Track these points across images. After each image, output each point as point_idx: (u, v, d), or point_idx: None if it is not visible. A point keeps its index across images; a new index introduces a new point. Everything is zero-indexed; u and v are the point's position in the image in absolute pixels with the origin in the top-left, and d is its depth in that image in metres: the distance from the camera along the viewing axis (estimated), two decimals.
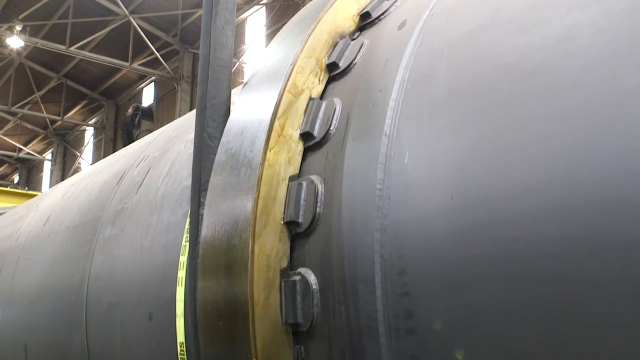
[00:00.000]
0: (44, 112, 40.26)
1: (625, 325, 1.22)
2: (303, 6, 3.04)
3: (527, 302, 1.35)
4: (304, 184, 1.89)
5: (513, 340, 1.37)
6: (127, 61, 32.76)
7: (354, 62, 2.15)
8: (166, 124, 4.73)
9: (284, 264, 1.86)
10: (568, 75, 1.45)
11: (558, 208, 1.34)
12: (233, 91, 2.52)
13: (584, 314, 1.27)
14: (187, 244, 2.34)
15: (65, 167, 45.14)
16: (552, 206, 1.35)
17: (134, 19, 30.76)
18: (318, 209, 1.85)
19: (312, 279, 1.80)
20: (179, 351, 2.36)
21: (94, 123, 43.46)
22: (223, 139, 2.23)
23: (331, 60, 2.18)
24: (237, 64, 29.03)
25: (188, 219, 2.38)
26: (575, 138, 1.36)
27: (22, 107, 38.99)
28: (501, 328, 1.39)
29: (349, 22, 2.34)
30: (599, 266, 1.25)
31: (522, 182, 1.42)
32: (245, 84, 2.46)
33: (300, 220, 1.86)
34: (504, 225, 1.42)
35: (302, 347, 1.83)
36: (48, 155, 48.54)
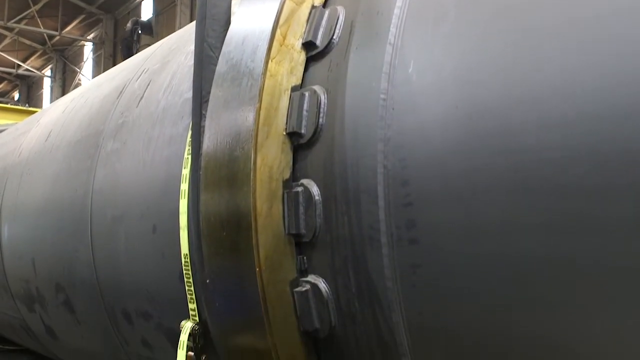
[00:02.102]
0: (42, 27, 39.51)
1: (627, 237, 1.22)
2: None
3: (530, 212, 1.35)
4: (307, 94, 1.86)
5: (514, 250, 1.38)
6: None
7: None
8: None
9: (287, 175, 1.85)
10: None
11: (565, 118, 1.32)
12: (234, 1, 2.44)
13: (587, 225, 1.26)
14: (189, 156, 2.33)
15: (65, 84, 44.69)
16: (559, 116, 1.33)
17: None
18: (321, 120, 1.82)
19: (315, 189, 1.80)
20: (183, 263, 2.40)
21: (93, 38, 42.71)
22: (224, 49, 2.18)
23: None
24: None
25: (190, 132, 2.36)
26: (584, 47, 1.32)
27: (18, 22, 38.24)
28: (503, 238, 1.40)
29: None
30: (603, 177, 1.24)
31: (529, 92, 1.39)
32: None
33: (302, 131, 1.84)
34: (510, 135, 1.40)
35: (304, 258, 1.85)
36: (47, 71, 48.00)
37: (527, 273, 1.36)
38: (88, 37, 43.09)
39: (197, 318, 2.40)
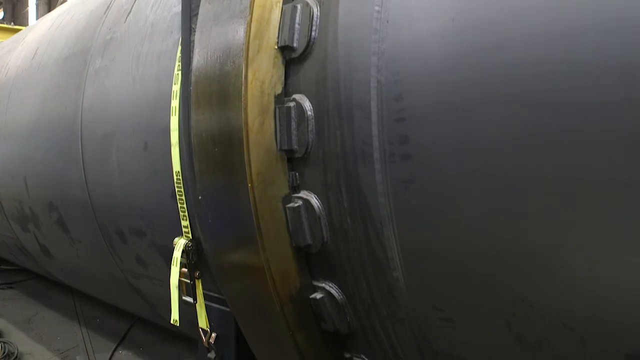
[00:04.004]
0: None
1: (622, 152, 1.21)
2: None
3: (526, 126, 1.33)
4: (299, 6, 1.81)
5: (509, 165, 1.37)
6: None
7: None
8: None
9: (279, 90, 1.82)
10: None
11: (563, 31, 1.28)
12: None
13: (582, 140, 1.25)
14: (180, 72, 2.29)
15: (51, 1, 43.52)
16: (557, 29, 1.29)
17: None
18: (313, 33, 1.78)
19: (307, 105, 1.77)
20: (175, 180, 2.39)
21: None
22: None
23: None
24: None
25: (179, 47, 2.30)
26: None
27: None
28: (497, 153, 1.39)
29: None
30: (599, 92, 1.22)
31: (527, 5, 1.35)
32: None
33: (294, 44, 1.80)
34: (507, 48, 1.36)
35: (296, 174, 1.84)
36: None
37: (521, 188, 1.35)
38: None
39: (190, 235, 2.42)
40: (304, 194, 1.83)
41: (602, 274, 1.29)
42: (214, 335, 2.42)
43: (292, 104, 1.78)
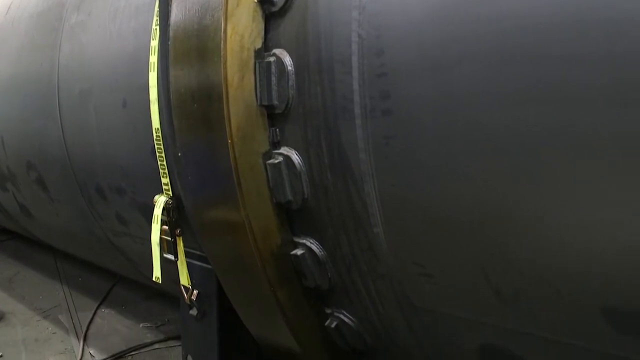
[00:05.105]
0: None
1: (604, 106, 1.20)
2: None
3: (508, 81, 1.32)
4: None
5: (491, 120, 1.36)
6: None
7: None
8: None
9: (258, 44, 1.79)
10: None
11: None
12: None
13: (565, 94, 1.25)
14: (158, 27, 2.24)
15: None
16: None
17: None
18: None
19: (287, 60, 1.74)
20: (155, 137, 2.36)
21: None
22: None
23: None
24: None
25: (157, 1, 2.25)
26: None
27: None
28: (479, 108, 1.38)
29: None
30: (583, 45, 1.21)
31: None
32: None
33: None
34: (490, 1, 1.34)
35: (277, 130, 1.83)
36: None
37: (503, 143, 1.35)
38: None
39: (170, 192, 2.41)
40: (284, 150, 1.81)
41: (579, 229, 1.30)
42: (195, 292, 2.43)
43: (272, 59, 1.76)
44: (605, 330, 1.34)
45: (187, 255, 2.47)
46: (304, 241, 1.91)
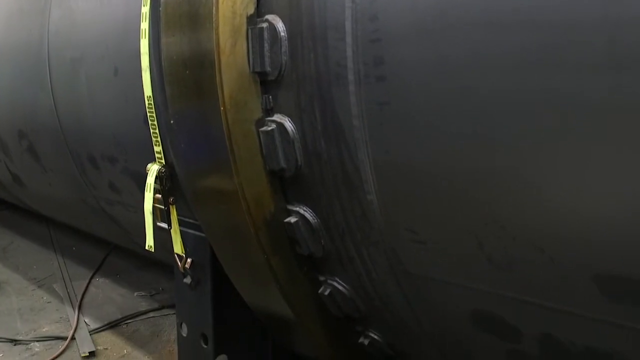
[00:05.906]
0: None
1: (598, 72, 1.19)
2: None
3: (502, 47, 1.31)
4: None
5: (485, 85, 1.35)
6: None
7: None
8: None
9: (251, 10, 1.77)
10: None
11: None
12: None
13: (559, 60, 1.24)
14: None
15: None
16: None
17: None
18: None
19: (280, 26, 1.72)
20: (147, 105, 2.34)
21: None
22: None
23: None
24: None
25: None
26: None
27: None
28: (473, 73, 1.37)
29: None
30: (576, 11, 1.20)
31: None
32: None
33: None
34: None
35: (270, 97, 1.81)
36: None
37: (497, 108, 1.34)
38: None
39: (163, 161, 2.39)
40: (277, 117, 1.80)
41: (572, 196, 1.30)
42: (189, 260, 2.43)
43: (264, 25, 1.73)
44: (597, 297, 1.35)
45: (181, 223, 2.46)
46: (298, 209, 1.90)
